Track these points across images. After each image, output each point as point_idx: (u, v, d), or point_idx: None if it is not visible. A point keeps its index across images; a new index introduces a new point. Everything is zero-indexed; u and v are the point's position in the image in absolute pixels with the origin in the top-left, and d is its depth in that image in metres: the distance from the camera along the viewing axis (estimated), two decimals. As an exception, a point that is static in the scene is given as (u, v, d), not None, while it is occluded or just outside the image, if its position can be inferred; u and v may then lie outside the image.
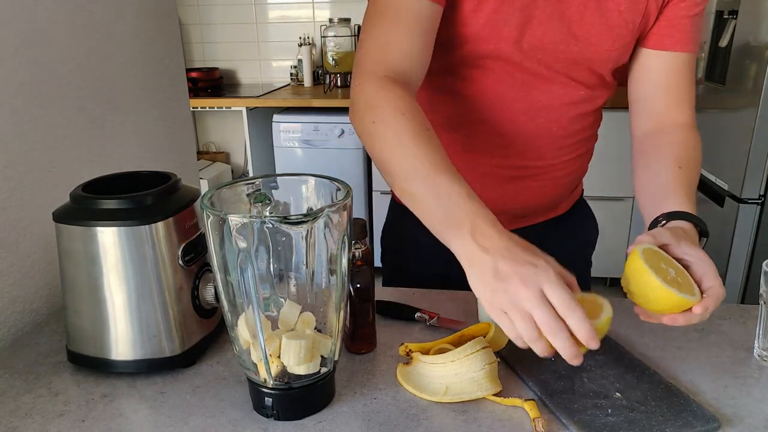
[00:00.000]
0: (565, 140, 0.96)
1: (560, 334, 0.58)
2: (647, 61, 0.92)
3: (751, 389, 0.71)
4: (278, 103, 3.01)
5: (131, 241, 0.71)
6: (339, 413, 0.68)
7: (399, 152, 0.72)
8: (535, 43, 0.87)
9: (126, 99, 1.14)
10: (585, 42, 0.87)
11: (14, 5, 0.87)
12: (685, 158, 0.87)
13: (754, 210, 1.99)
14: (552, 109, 0.93)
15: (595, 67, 0.90)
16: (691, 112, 0.94)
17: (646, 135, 0.93)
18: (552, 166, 0.98)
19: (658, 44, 0.90)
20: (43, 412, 0.69)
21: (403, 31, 0.81)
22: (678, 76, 0.92)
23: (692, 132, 0.92)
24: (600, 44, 0.87)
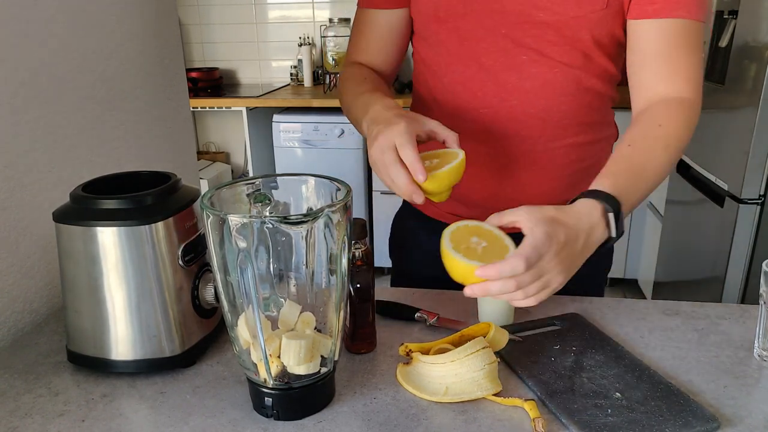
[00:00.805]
0: (548, 123, 0.92)
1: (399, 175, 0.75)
2: (635, 34, 0.86)
3: (751, 389, 0.71)
4: (278, 103, 3.01)
5: (131, 241, 0.71)
6: (339, 413, 0.68)
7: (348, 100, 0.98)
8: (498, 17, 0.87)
9: (126, 99, 1.14)
10: (547, 10, 0.85)
11: (14, 5, 0.87)
12: (640, 136, 0.82)
13: (754, 210, 1.99)
14: (524, 90, 0.90)
15: (567, 38, 0.86)
16: (687, 85, 0.85)
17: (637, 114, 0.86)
18: (540, 153, 0.94)
19: (641, 13, 0.84)
20: (43, 412, 0.69)
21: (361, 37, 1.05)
22: (666, 45, 0.84)
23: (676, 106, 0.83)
24: (564, 11, 0.84)
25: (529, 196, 0.97)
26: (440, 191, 0.79)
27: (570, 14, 0.85)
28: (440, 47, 0.95)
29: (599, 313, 0.89)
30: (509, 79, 0.90)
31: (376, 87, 0.96)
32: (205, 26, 3.51)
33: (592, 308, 0.90)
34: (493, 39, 0.89)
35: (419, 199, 0.76)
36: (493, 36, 0.89)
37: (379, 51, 1.04)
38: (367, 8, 1.02)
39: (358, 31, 1.06)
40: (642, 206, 2.93)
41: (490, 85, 0.92)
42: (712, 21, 2.25)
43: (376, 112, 0.85)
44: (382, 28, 1.02)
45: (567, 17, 0.85)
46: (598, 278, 1.10)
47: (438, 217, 1.07)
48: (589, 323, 0.84)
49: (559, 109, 0.93)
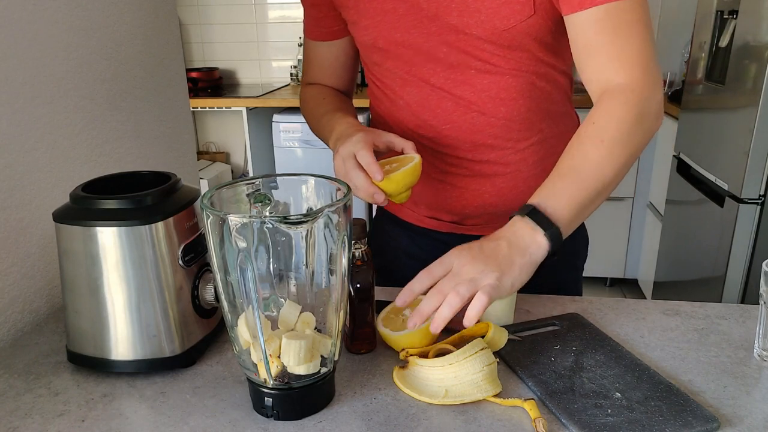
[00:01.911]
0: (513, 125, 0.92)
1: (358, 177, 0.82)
2: (572, 30, 0.83)
3: (751, 389, 0.71)
4: (278, 103, 3.01)
5: (131, 241, 0.71)
6: (339, 413, 0.68)
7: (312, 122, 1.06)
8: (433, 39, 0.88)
9: (126, 99, 1.14)
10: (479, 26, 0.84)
11: (14, 5, 0.87)
12: (575, 138, 0.80)
13: (754, 210, 1.99)
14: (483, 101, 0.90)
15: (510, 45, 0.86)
16: (630, 68, 0.79)
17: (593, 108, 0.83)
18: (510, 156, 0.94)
19: (570, 7, 0.81)
20: (43, 412, 0.69)
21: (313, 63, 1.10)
22: (602, 33, 0.79)
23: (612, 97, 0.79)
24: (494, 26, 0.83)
25: (510, 198, 0.97)
26: (398, 192, 0.85)
27: (500, 28, 0.84)
28: (389, 72, 0.96)
29: (599, 313, 0.89)
30: (464, 94, 0.91)
31: (337, 106, 1.02)
32: (205, 26, 3.51)
33: (592, 308, 0.91)
34: (437, 59, 0.90)
35: (380, 198, 0.82)
36: (436, 56, 0.89)
37: (331, 75, 1.09)
38: (311, 40, 1.07)
39: (308, 58, 1.10)
40: (642, 206, 2.93)
41: (447, 101, 0.92)
42: (712, 21, 2.25)
43: (340, 132, 0.91)
44: (329, 57, 1.07)
45: (498, 31, 0.85)
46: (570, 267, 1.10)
47: (417, 222, 1.08)
48: (589, 323, 0.84)
49: (519, 111, 0.92)
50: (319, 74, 1.10)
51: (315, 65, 1.09)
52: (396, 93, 0.97)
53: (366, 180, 0.82)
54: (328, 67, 1.09)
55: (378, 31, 0.92)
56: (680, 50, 2.90)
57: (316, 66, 1.09)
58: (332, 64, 1.08)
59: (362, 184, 0.82)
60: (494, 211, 0.99)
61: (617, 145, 0.78)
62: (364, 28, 0.94)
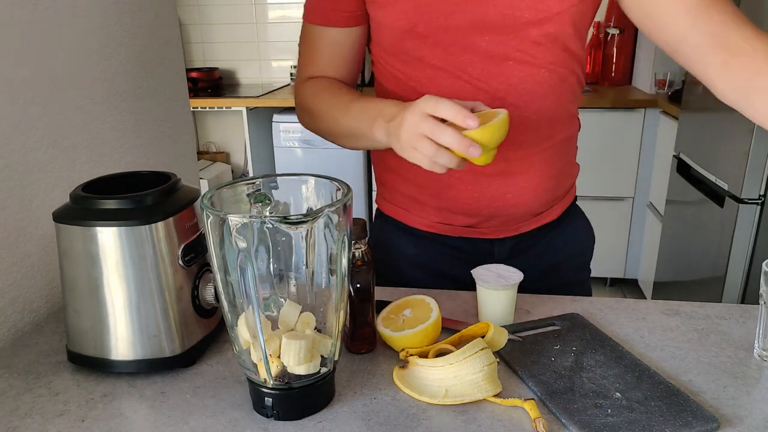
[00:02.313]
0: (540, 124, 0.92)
1: (446, 132, 0.71)
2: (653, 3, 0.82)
3: (751, 389, 0.71)
4: (278, 103, 3.01)
5: (131, 241, 0.71)
6: (339, 413, 0.68)
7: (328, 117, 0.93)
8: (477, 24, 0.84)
9: (126, 99, 1.14)
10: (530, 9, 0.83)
11: (14, 5, 0.87)
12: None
13: (754, 210, 1.99)
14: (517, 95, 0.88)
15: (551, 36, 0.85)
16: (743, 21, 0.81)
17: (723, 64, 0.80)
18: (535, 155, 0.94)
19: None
20: (43, 411, 0.69)
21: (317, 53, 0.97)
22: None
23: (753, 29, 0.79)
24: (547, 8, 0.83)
25: (527, 200, 0.96)
26: (493, 144, 0.74)
27: (554, 10, 0.84)
28: (420, 63, 0.90)
29: (599, 313, 0.89)
30: (500, 87, 0.89)
31: (360, 95, 0.91)
32: (205, 26, 3.51)
33: (592, 308, 0.91)
34: (477, 47, 0.86)
35: (476, 151, 0.71)
36: (477, 44, 0.86)
37: (341, 67, 0.98)
38: (321, 25, 0.95)
39: (312, 48, 0.98)
40: (642, 206, 2.93)
41: (481, 95, 0.89)
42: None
43: (391, 111, 0.80)
44: (344, 46, 0.96)
45: (551, 14, 0.84)
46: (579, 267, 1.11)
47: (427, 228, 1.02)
48: (589, 323, 0.84)
49: (549, 108, 0.92)
50: (328, 66, 0.97)
51: (324, 55, 0.97)
52: (423, 86, 0.91)
53: (457, 133, 0.71)
54: (340, 57, 0.97)
55: (419, 14, 0.86)
56: (680, 50, 2.89)
57: (324, 57, 0.97)
58: (346, 54, 0.97)
59: (454, 138, 0.71)
60: (513, 213, 0.97)
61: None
62: (402, 12, 0.87)
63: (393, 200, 1.06)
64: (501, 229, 1.00)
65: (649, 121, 2.78)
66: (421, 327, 0.77)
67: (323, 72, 0.98)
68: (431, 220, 1.02)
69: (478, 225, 1.00)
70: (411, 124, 0.74)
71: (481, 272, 0.86)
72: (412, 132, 0.74)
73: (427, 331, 0.77)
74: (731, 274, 2.07)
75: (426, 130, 0.72)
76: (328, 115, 0.93)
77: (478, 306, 0.87)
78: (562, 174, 1.01)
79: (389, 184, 1.05)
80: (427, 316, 0.78)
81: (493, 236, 1.01)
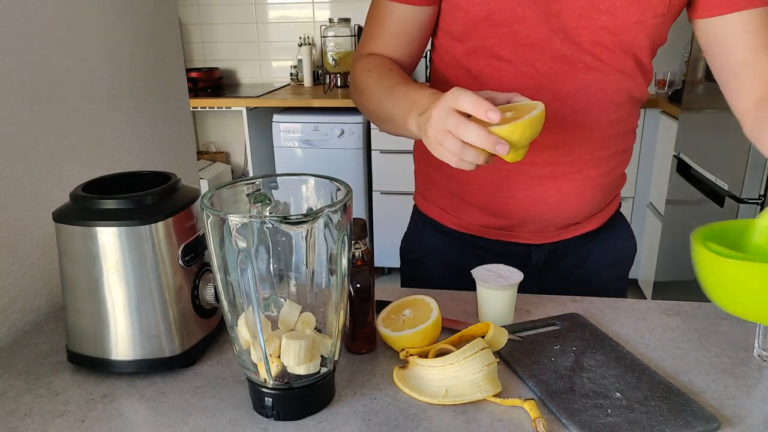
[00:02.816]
0: (595, 132, 0.91)
1: (470, 128, 0.66)
2: (719, 32, 0.84)
3: (751, 389, 0.71)
4: (278, 103, 3.01)
5: (131, 241, 0.71)
6: (339, 413, 0.68)
7: (373, 96, 0.88)
8: (555, 20, 0.82)
9: (126, 99, 1.14)
10: (610, 14, 0.82)
11: (14, 5, 0.87)
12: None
13: (754, 210, 1.99)
14: (578, 99, 0.87)
15: (624, 44, 0.84)
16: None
17: (759, 104, 0.83)
18: (584, 162, 0.92)
19: (715, 10, 0.83)
20: (43, 412, 0.69)
21: (385, 29, 0.93)
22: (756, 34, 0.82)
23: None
24: (627, 15, 0.82)
25: (569, 206, 0.95)
26: (523, 143, 0.69)
27: (632, 19, 0.82)
28: (488, 53, 0.87)
29: (599, 313, 0.89)
30: (564, 87, 0.87)
31: (409, 79, 0.86)
32: (205, 26, 3.51)
33: (592, 308, 0.90)
34: (549, 44, 0.84)
35: (504, 148, 0.66)
36: (550, 41, 0.84)
37: (403, 46, 0.94)
38: (395, 2, 0.91)
39: (379, 23, 0.94)
40: (642, 206, 2.93)
41: (544, 92, 0.87)
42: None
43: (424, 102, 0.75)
44: (410, 24, 0.92)
45: (629, 22, 0.83)
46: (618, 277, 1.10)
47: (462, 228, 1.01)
48: (589, 323, 0.84)
49: (607, 118, 0.91)
50: (391, 44, 0.93)
51: (389, 32, 0.93)
52: (487, 76, 0.89)
53: (482, 129, 0.66)
54: (406, 35, 0.93)
55: (497, 2, 0.83)
56: (680, 50, 2.90)
57: (389, 33, 0.93)
58: (412, 34, 0.93)
59: (479, 134, 0.66)
60: (553, 218, 0.96)
61: None
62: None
63: (432, 198, 1.05)
64: (539, 234, 0.98)
65: (649, 121, 2.78)
66: (421, 327, 0.77)
67: (384, 49, 0.94)
68: (467, 220, 1.01)
69: (515, 228, 0.98)
70: (437, 119, 0.69)
71: (481, 272, 0.86)
72: (437, 128, 0.69)
73: (427, 331, 0.77)
74: (731, 274, 2.06)
75: (450, 125, 0.68)
76: (373, 94, 0.88)
77: (478, 306, 0.87)
78: (609, 186, 0.99)
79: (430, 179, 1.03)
80: (427, 316, 0.78)
81: (530, 241, 0.99)
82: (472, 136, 0.66)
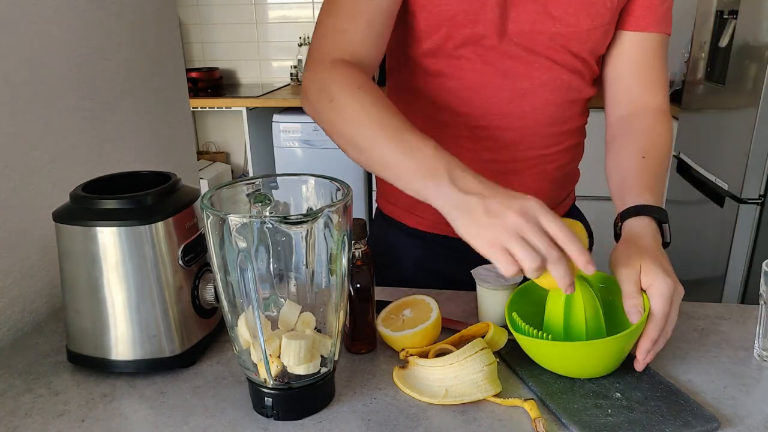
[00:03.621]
0: (552, 128, 0.94)
1: (561, 262, 0.62)
2: (624, 43, 0.92)
3: (751, 389, 0.71)
4: (278, 103, 3.01)
5: (131, 241, 0.71)
6: (339, 413, 0.68)
7: (365, 122, 0.74)
8: (512, 25, 0.86)
9: (126, 99, 1.14)
10: (562, 21, 0.86)
11: (14, 5, 0.87)
12: (649, 146, 0.88)
13: (754, 210, 1.99)
14: (536, 95, 0.91)
15: (575, 48, 0.88)
16: (664, 96, 0.93)
17: (618, 120, 0.93)
18: (542, 157, 0.96)
19: (635, 25, 0.90)
20: (43, 412, 0.69)
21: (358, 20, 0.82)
22: (653, 57, 0.92)
23: (663, 117, 0.91)
24: (578, 23, 0.86)
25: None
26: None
27: (583, 27, 0.87)
28: (448, 52, 0.89)
29: (599, 313, 0.89)
30: (522, 85, 0.90)
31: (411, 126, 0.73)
32: (205, 26, 3.51)
33: (592, 308, 0.90)
34: (507, 45, 0.87)
35: (571, 290, 0.64)
36: (507, 42, 0.87)
37: (375, 39, 0.84)
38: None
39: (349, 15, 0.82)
40: (642, 206, 2.93)
41: (505, 90, 0.90)
42: (712, 21, 2.25)
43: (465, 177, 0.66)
44: (381, 14, 0.83)
45: (580, 30, 0.87)
46: None
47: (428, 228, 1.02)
48: (589, 323, 0.84)
49: (563, 115, 0.95)
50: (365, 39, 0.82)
51: (363, 24, 0.82)
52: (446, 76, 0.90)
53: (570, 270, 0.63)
54: (378, 26, 0.83)
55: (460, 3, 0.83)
56: (680, 50, 2.90)
57: (363, 25, 0.82)
58: (382, 25, 0.83)
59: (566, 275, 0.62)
60: None
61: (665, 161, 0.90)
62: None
63: (394, 201, 1.06)
64: None
65: (649, 121, 2.77)
66: (421, 327, 0.77)
67: (356, 46, 0.82)
68: (432, 220, 1.02)
69: None
70: (513, 220, 0.62)
71: (481, 272, 0.86)
72: (511, 228, 0.62)
73: (427, 331, 0.77)
74: (731, 274, 2.07)
75: (538, 244, 0.61)
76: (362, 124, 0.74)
77: (478, 306, 0.87)
78: (565, 179, 1.03)
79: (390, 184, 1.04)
80: (427, 316, 0.78)
81: None
82: (559, 271, 0.62)
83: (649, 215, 0.80)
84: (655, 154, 0.88)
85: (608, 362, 0.70)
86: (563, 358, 0.70)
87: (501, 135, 0.93)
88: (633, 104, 0.93)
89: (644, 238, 0.78)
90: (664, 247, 0.80)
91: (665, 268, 0.73)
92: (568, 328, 0.71)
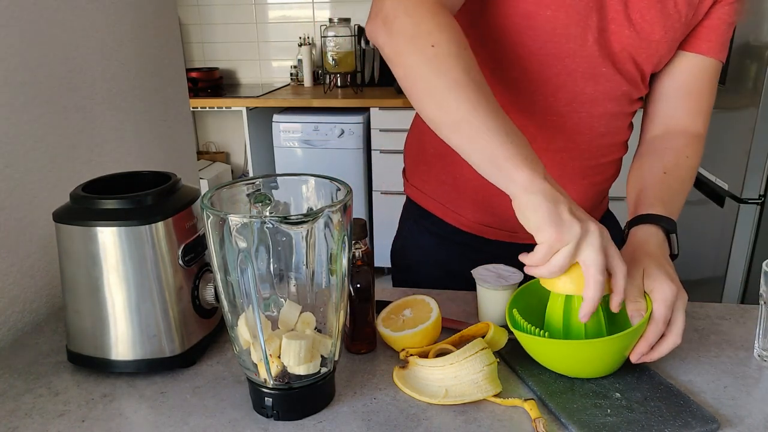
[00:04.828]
0: (604, 139, 0.92)
1: (602, 289, 0.65)
2: (680, 63, 0.90)
3: (751, 389, 0.71)
4: (278, 103, 3.01)
5: (131, 241, 0.71)
6: (339, 413, 0.68)
7: (470, 81, 0.68)
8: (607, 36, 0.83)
9: (125, 99, 1.14)
10: (638, 27, 0.83)
11: (14, 5, 0.87)
12: (673, 165, 0.88)
13: (754, 210, 1.99)
14: (595, 102, 0.87)
15: (640, 58, 0.85)
16: (704, 122, 0.93)
17: (653, 139, 0.93)
18: (590, 168, 0.93)
19: (696, 47, 0.89)
20: (43, 412, 0.69)
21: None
22: (706, 83, 0.91)
23: (695, 141, 0.91)
24: (652, 31, 0.83)
25: None
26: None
27: (655, 36, 0.84)
28: (512, 39, 0.82)
29: (599, 313, 0.89)
30: (586, 89, 0.86)
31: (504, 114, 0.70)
32: (205, 26, 3.51)
33: (592, 308, 0.90)
34: (581, 42, 0.82)
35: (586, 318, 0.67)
36: (582, 39, 0.82)
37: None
38: None
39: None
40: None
41: (565, 90, 0.85)
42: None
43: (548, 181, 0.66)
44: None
45: (651, 39, 0.84)
46: None
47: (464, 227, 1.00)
48: (589, 323, 0.84)
49: (615, 126, 0.92)
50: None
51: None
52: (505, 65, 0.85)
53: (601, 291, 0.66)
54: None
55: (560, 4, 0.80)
56: (680, 50, 2.90)
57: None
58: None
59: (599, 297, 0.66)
60: None
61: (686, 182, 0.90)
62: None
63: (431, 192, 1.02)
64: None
65: (649, 121, 2.77)
66: (421, 327, 0.77)
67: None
68: (470, 220, 0.99)
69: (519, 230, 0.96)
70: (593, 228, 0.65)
71: (481, 272, 0.86)
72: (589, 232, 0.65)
73: (427, 331, 0.77)
74: (731, 274, 2.07)
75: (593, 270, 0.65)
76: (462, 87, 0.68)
77: (478, 306, 0.87)
78: (607, 187, 1.03)
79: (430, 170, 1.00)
80: (427, 316, 0.78)
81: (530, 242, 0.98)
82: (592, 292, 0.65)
83: (657, 224, 0.79)
84: (677, 174, 0.87)
85: (607, 362, 0.70)
86: (562, 356, 0.70)
87: (556, 138, 0.89)
88: (671, 126, 0.92)
89: (649, 244, 0.78)
90: (672, 259, 0.79)
91: (669, 273, 0.73)
92: (567, 328, 0.71)
